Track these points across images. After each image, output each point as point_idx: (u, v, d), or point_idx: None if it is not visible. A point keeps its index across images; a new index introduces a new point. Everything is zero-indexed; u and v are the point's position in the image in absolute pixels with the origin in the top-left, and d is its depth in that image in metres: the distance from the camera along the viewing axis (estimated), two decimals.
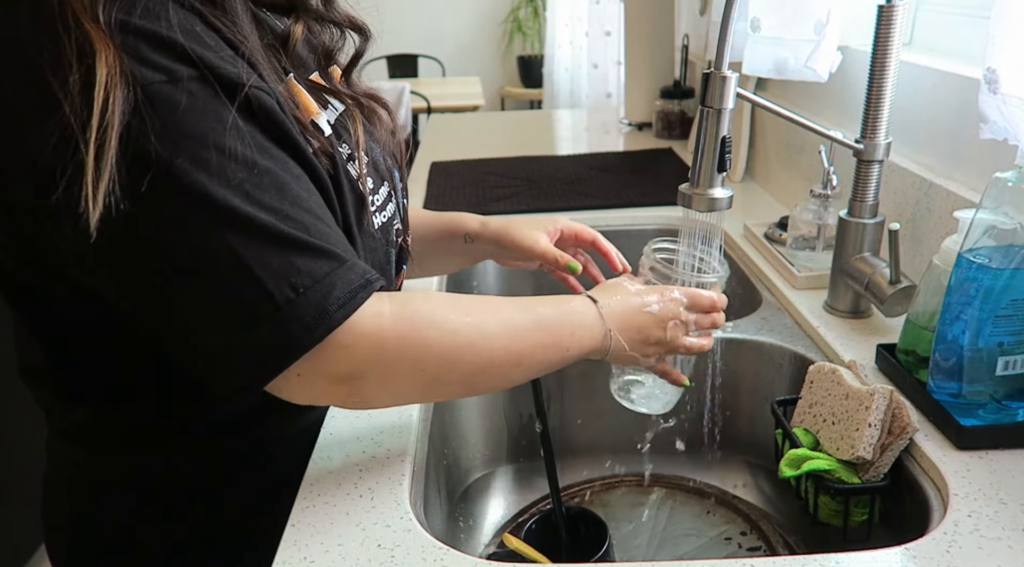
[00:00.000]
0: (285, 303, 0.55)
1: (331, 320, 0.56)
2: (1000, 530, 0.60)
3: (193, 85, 0.53)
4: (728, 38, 0.75)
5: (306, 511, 0.66)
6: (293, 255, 0.55)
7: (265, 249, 0.54)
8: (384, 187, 0.73)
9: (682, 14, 1.87)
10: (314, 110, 0.66)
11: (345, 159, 0.67)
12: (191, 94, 0.53)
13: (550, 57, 4.51)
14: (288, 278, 0.55)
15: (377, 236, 0.71)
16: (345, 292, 0.57)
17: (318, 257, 0.56)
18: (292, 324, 0.55)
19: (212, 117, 0.53)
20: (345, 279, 0.57)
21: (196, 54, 0.53)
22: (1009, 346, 0.69)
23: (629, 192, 1.46)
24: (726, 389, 0.95)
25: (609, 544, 0.72)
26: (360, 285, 0.58)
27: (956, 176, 0.93)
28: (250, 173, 0.55)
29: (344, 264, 0.58)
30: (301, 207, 0.57)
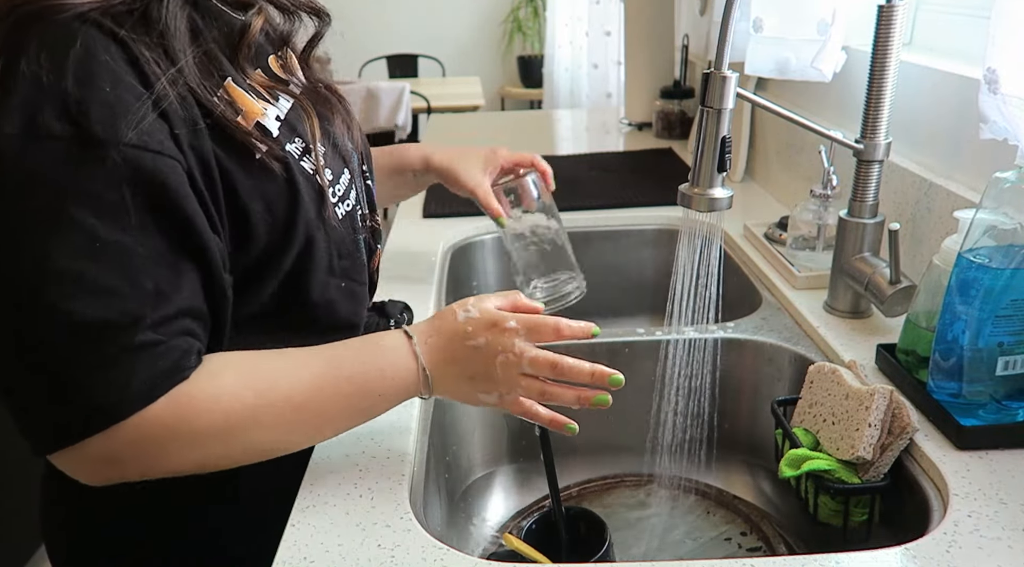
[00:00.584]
0: (72, 392, 0.54)
1: (108, 417, 0.55)
2: (1000, 530, 0.60)
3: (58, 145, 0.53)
4: (728, 38, 0.75)
5: (306, 511, 0.66)
6: (86, 342, 0.54)
7: (62, 330, 0.53)
8: (345, 175, 0.72)
9: (682, 14, 1.87)
10: (257, 112, 0.64)
11: (299, 154, 0.67)
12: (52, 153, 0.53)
13: (550, 57, 4.51)
14: (75, 365, 0.54)
15: (341, 227, 0.70)
16: (139, 385, 0.55)
17: (123, 346, 0.54)
18: (72, 412, 0.54)
19: (60, 182, 0.53)
20: (148, 370, 0.55)
21: (79, 109, 0.53)
22: (1009, 346, 0.69)
23: (629, 192, 1.46)
24: (726, 389, 0.95)
25: (609, 544, 0.72)
26: (163, 374, 0.56)
27: (956, 176, 0.93)
28: (88, 242, 0.53)
29: (156, 349, 0.55)
30: (137, 286, 0.55)
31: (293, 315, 0.69)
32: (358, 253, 0.73)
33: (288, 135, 0.66)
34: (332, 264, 0.70)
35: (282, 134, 0.66)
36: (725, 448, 0.97)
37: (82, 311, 0.53)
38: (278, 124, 0.66)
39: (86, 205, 0.53)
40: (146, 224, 0.55)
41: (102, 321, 0.54)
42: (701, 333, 0.94)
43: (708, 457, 0.94)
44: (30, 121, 0.52)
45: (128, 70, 0.56)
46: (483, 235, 1.34)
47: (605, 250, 1.37)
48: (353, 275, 0.73)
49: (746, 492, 0.97)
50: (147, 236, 0.56)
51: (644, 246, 1.36)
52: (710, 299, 0.84)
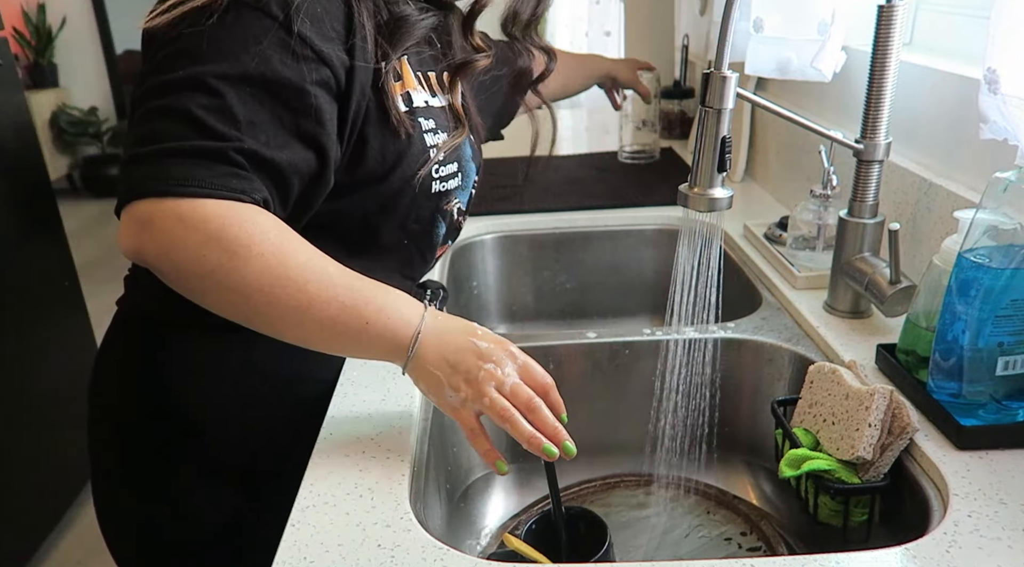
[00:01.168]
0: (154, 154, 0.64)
1: (158, 186, 0.63)
2: (1000, 530, 0.60)
3: (245, 11, 0.68)
4: (728, 38, 0.75)
5: (306, 511, 0.66)
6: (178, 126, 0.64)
7: (172, 110, 0.64)
8: (453, 166, 0.85)
9: (682, 14, 1.87)
10: (412, 84, 0.82)
11: (428, 129, 0.82)
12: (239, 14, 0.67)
13: None
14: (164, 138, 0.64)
15: (430, 199, 0.83)
16: (197, 181, 0.63)
17: (218, 157, 0.64)
18: (140, 169, 0.64)
19: (248, 36, 0.67)
20: (210, 176, 0.63)
21: (289, 7, 0.68)
22: (1009, 346, 0.69)
23: (628, 192, 1.46)
24: (726, 389, 0.95)
25: (609, 544, 0.72)
26: (226, 191, 0.64)
27: (956, 176, 0.93)
28: (240, 85, 0.66)
29: (235, 169, 0.65)
30: (256, 120, 0.66)
31: (359, 248, 0.82)
32: (433, 228, 0.87)
33: (425, 114, 0.82)
34: (406, 222, 0.84)
35: (421, 110, 0.82)
36: (725, 448, 0.97)
37: (202, 114, 0.64)
38: (423, 105, 0.82)
39: (259, 56, 0.67)
40: (289, 100, 0.68)
41: (211, 127, 0.64)
42: (701, 333, 0.94)
43: (708, 457, 0.94)
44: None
45: (342, 4, 0.73)
46: (483, 235, 1.34)
47: (605, 250, 1.37)
48: (420, 242, 0.87)
49: (746, 492, 0.97)
50: (284, 108, 0.68)
51: (644, 246, 1.37)
52: (710, 299, 0.84)
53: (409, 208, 0.82)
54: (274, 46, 0.67)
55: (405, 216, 0.83)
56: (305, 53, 0.68)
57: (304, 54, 0.68)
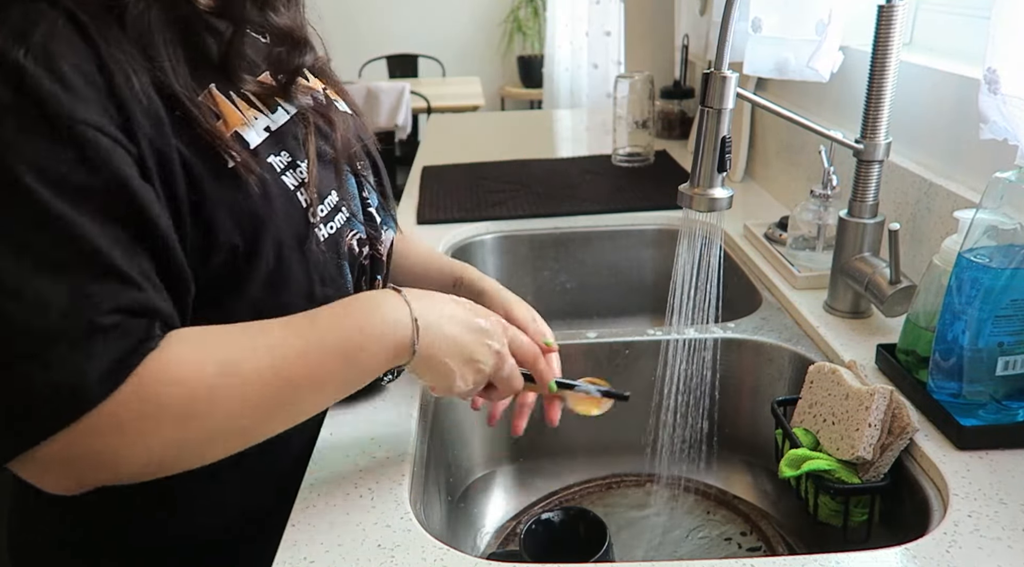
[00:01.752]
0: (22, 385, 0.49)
1: (58, 415, 0.50)
2: (1000, 530, 0.60)
3: (8, 116, 0.51)
4: (728, 38, 0.75)
5: (306, 511, 0.66)
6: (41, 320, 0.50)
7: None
8: (332, 196, 0.69)
9: (682, 14, 1.87)
10: (237, 121, 0.63)
11: (282, 168, 0.65)
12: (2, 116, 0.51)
13: (550, 57, 4.51)
14: (32, 353, 0.50)
15: (325, 248, 0.67)
16: (101, 373, 0.51)
17: (76, 332, 0.50)
18: (34, 409, 0.50)
19: (15, 150, 0.51)
20: (108, 352, 0.51)
21: (33, 82, 0.51)
22: (1009, 346, 0.69)
23: (625, 196, 1.46)
24: (726, 389, 0.95)
25: (609, 544, 0.72)
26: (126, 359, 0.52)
27: (956, 176, 0.93)
28: (34, 216, 0.51)
29: (111, 332, 0.51)
30: (81, 257, 0.52)
31: None
32: (342, 280, 0.70)
33: (272, 148, 0.65)
34: (313, 291, 0.67)
35: (264, 146, 0.64)
36: (725, 448, 0.97)
37: (35, 287, 0.50)
38: (264, 136, 0.64)
39: (39, 176, 0.51)
40: (97, 204, 0.53)
41: (55, 299, 0.50)
42: (701, 333, 0.94)
43: (708, 457, 0.94)
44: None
45: (90, 56, 0.54)
46: (483, 235, 1.34)
47: (605, 250, 1.37)
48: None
49: (746, 492, 0.97)
50: (98, 215, 0.53)
51: (644, 246, 1.37)
52: (710, 299, 0.84)
53: (306, 274, 0.66)
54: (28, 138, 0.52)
55: (304, 290, 0.66)
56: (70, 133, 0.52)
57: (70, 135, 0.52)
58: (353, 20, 5.08)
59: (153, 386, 0.53)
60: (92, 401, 0.50)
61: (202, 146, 0.59)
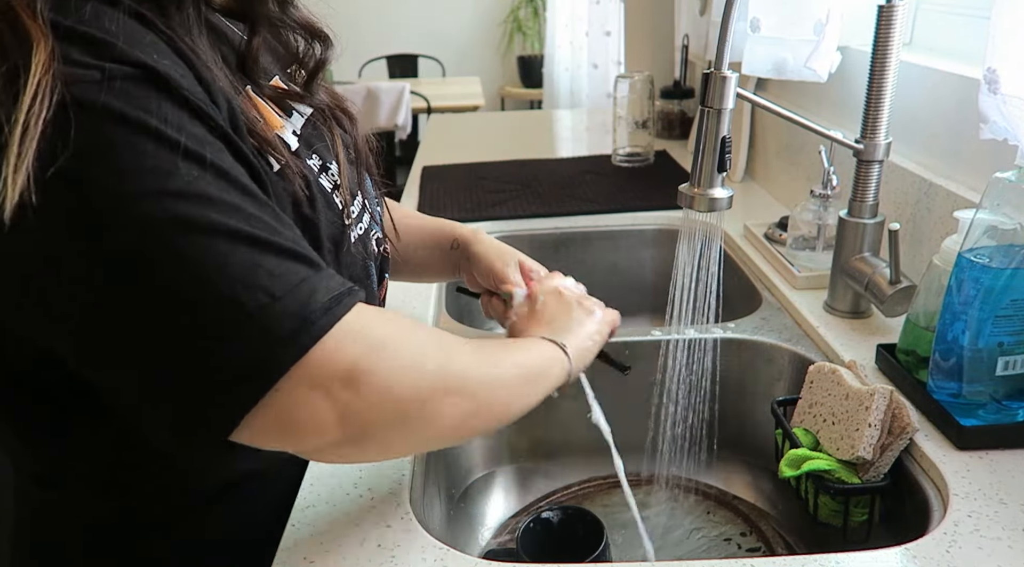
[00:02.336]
0: (257, 311, 0.47)
1: (314, 328, 0.49)
2: (1000, 530, 0.60)
3: (129, 85, 0.47)
4: (728, 38, 0.75)
5: (306, 511, 0.66)
6: (262, 258, 0.48)
7: (225, 251, 0.47)
8: (358, 197, 0.69)
9: (682, 14, 1.87)
10: (278, 124, 0.61)
11: (317, 172, 0.63)
12: (128, 92, 0.47)
13: (550, 57, 4.51)
14: (259, 283, 0.48)
15: (356, 250, 0.66)
16: (327, 297, 0.50)
17: (292, 260, 0.50)
18: (270, 336, 0.47)
19: (155, 116, 0.48)
20: (325, 284, 0.51)
21: (133, 55, 0.48)
22: (1009, 346, 0.69)
23: (625, 196, 1.46)
24: (726, 389, 0.95)
25: (606, 544, 0.72)
26: (344, 292, 0.51)
27: (956, 176, 0.93)
28: (201, 169, 0.48)
29: (322, 270, 0.52)
30: (263, 208, 0.51)
31: None
32: (368, 280, 0.69)
33: (306, 150, 0.63)
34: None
35: (301, 149, 0.62)
36: (725, 448, 0.97)
37: (234, 225, 0.48)
38: (296, 138, 0.63)
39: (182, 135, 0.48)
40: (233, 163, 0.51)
41: (254, 237, 0.48)
42: (701, 333, 0.94)
43: (708, 457, 0.94)
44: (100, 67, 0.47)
45: (161, 44, 0.51)
46: None
47: (605, 250, 1.37)
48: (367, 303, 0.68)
49: (746, 492, 0.97)
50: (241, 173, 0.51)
51: (644, 246, 1.36)
52: (710, 299, 0.84)
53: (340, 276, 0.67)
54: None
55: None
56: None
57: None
58: (353, 20, 5.08)
59: (418, 336, 0.56)
60: (321, 329, 0.49)
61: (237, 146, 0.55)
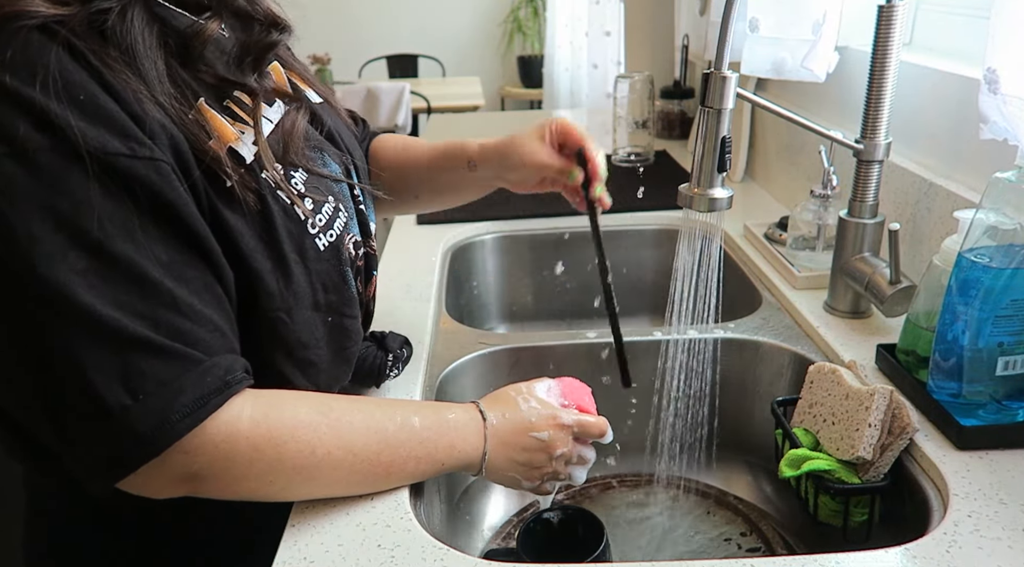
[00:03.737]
0: (119, 410, 0.51)
1: (173, 431, 0.52)
2: (1000, 530, 0.60)
3: (43, 157, 0.49)
4: (728, 38, 0.75)
5: (306, 511, 0.66)
6: (136, 356, 0.51)
7: (102, 347, 0.50)
8: (329, 202, 0.69)
9: (682, 14, 1.87)
10: (230, 136, 0.60)
11: (275, 184, 0.63)
12: (38, 168, 0.49)
13: (550, 57, 4.51)
14: (126, 382, 0.51)
15: (327, 256, 0.67)
16: (193, 398, 0.53)
17: (168, 359, 0.52)
18: (124, 434, 0.51)
19: (60, 195, 0.49)
20: (198, 383, 0.53)
21: (57, 117, 0.49)
22: (1009, 346, 0.69)
23: (625, 196, 1.46)
24: (726, 389, 0.95)
25: (606, 544, 0.72)
26: (214, 389, 0.54)
27: (956, 176, 0.93)
28: (98, 261, 0.50)
29: (200, 366, 0.54)
30: (158, 301, 0.53)
31: (281, 353, 0.65)
32: (345, 286, 0.70)
33: (263, 161, 0.63)
34: (317, 299, 0.67)
35: (257, 161, 0.62)
36: (725, 448, 0.97)
37: (117, 322, 0.50)
38: (254, 149, 0.62)
39: (83, 217, 0.50)
40: (152, 234, 0.53)
41: (133, 335, 0.51)
42: (701, 333, 0.94)
43: (708, 457, 0.94)
44: (10, 138, 0.49)
45: (95, 81, 0.53)
46: (483, 235, 1.34)
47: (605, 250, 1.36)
48: (342, 309, 0.70)
49: (746, 492, 0.97)
50: (157, 245, 0.53)
51: (644, 246, 1.37)
52: (710, 299, 0.84)
53: (309, 285, 0.66)
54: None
55: (310, 301, 0.66)
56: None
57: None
58: (353, 20, 5.08)
59: (276, 436, 0.58)
60: (178, 433, 0.53)
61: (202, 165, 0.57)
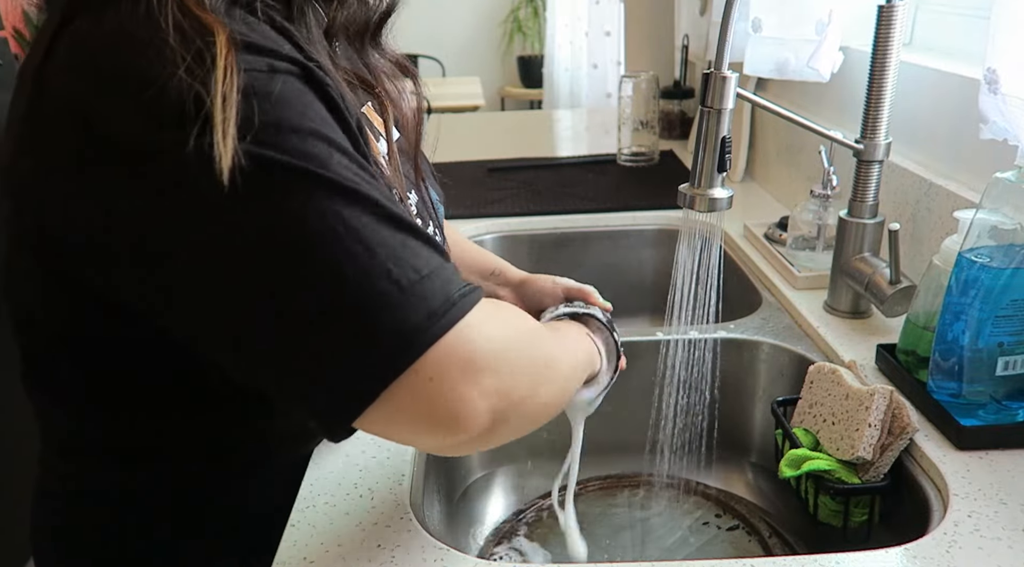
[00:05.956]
0: (409, 285, 0.48)
1: (457, 308, 0.49)
2: (1000, 530, 0.60)
3: (292, 80, 0.50)
4: (728, 38, 0.75)
5: (306, 511, 0.66)
6: (408, 238, 0.50)
7: (379, 226, 0.49)
8: (431, 226, 0.70)
9: (682, 14, 1.87)
10: (375, 149, 0.62)
11: (400, 200, 0.64)
12: (292, 87, 0.50)
13: (550, 57, 4.51)
14: (409, 260, 0.49)
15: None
16: (463, 284, 0.51)
17: (430, 246, 0.51)
18: (417, 308, 0.48)
19: (314, 112, 0.50)
20: (456, 274, 0.52)
21: (293, 54, 0.51)
22: (1009, 346, 0.69)
23: (626, 195, 1.46)
24: (726, 389, 0.95)
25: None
26: (471, 286, 0.52)
27: (956, 176, 0.93)
28: (351, 161, 0.50)
29: (450, 261, 0.53)
30: (401, 204, 0.55)
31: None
32: None
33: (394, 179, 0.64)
34: None
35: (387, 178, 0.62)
36: (725, 448, 0.97)
37: (385, 206, 0.50)
38: (384, 162, 0.63)
39: (335, 131, 0.51)
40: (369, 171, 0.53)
41: (401, 219, 0.50)
42: (701, 333, 0.94)
43: (708, 457, 0.94)
44: (268, 62, 0.50)
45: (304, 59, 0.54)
46: (483, 235, 1.34)
47: (605, 250, 1.37)
48: None
49: (746, 492, 0.97)
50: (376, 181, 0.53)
51: (644, 246, 1.37)
52: (710, 299, 0.84)
53: None
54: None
55: None
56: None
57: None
58: None
59: (526, 326, 0.59)
60: (462, 310, 0.50)
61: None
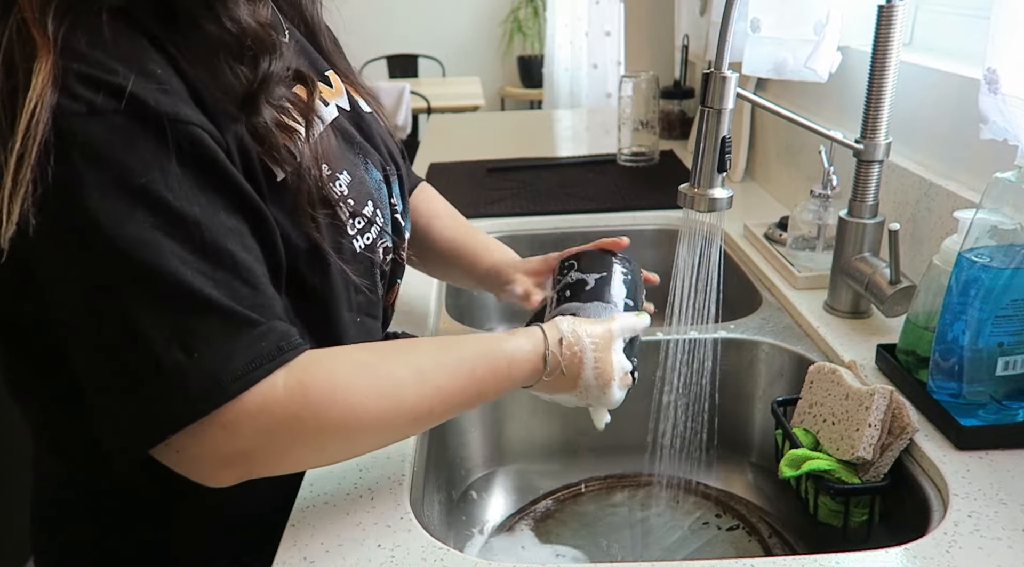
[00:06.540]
0: (172, 366, 0.50)
1: (223, 393, 0.51)
2: (1000, 530, 0.60)
3: (117, 119, 0.50)
4: (728, 38, 0.75)
5: (306, 511, 0.66)
6: (195, 315, 0.51)
7: (161, 305, 0.50)
8: (369, 206, 0.70)
9: (682, 14, 1.87)
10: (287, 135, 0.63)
11: (324, 183, 0.65)
12: (113, 129, 0.50)
13: (550, 57, 4.51)
14: (183, 340, 0.50)
15: (361, 258, 0.69)
16: (246, 362, 0.52)
17: (225, 319, 0.52)
18: (176, 391, 0.50)
19: (132, 156, 0.50)
20: (252, 346, 0.52)
21: (128, 86, 0.51)
22: (1009, 346, 0.69)
23: (628, 196, 1.46)
24: (727, 389, 0.95)
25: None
26: (268, 354, 0.53)
27: (956, 176, 0.93)
28: (164, 220, 0.50)
29: (256, 329, 0.53)
30: (220, 262, 0.52)
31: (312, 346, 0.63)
32: (374, 286, 0.72)
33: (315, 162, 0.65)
34: (350, 298, 0.69)
35: (306, 159, 0.64)
36: (725, 448, 0.97)
37: (178, 279, 0.50)
38: (305, 147, 0.64)
39: (154, 178, 0.51)
40: (217, 202, 0.53)
41: (193, 293, 0.50)
42: (701, 333, 0.94)
43: (708, 457, 0.94)
44: (90, 102, 0.50)
45: (164, 64, 0.54)
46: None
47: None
48: (369, 310, 0.73)
49: (746, 492, 0.97)
50: (222, 213, 0.54)
51: (644, 246, 1.36)
52: (710, 299, 0.84)
53: (344, 284, 0.68)
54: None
55: (345, 300, 0.69)
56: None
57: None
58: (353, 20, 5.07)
59: (314, 400, 0.55)
60: (232, 393, 0.51)
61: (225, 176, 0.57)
